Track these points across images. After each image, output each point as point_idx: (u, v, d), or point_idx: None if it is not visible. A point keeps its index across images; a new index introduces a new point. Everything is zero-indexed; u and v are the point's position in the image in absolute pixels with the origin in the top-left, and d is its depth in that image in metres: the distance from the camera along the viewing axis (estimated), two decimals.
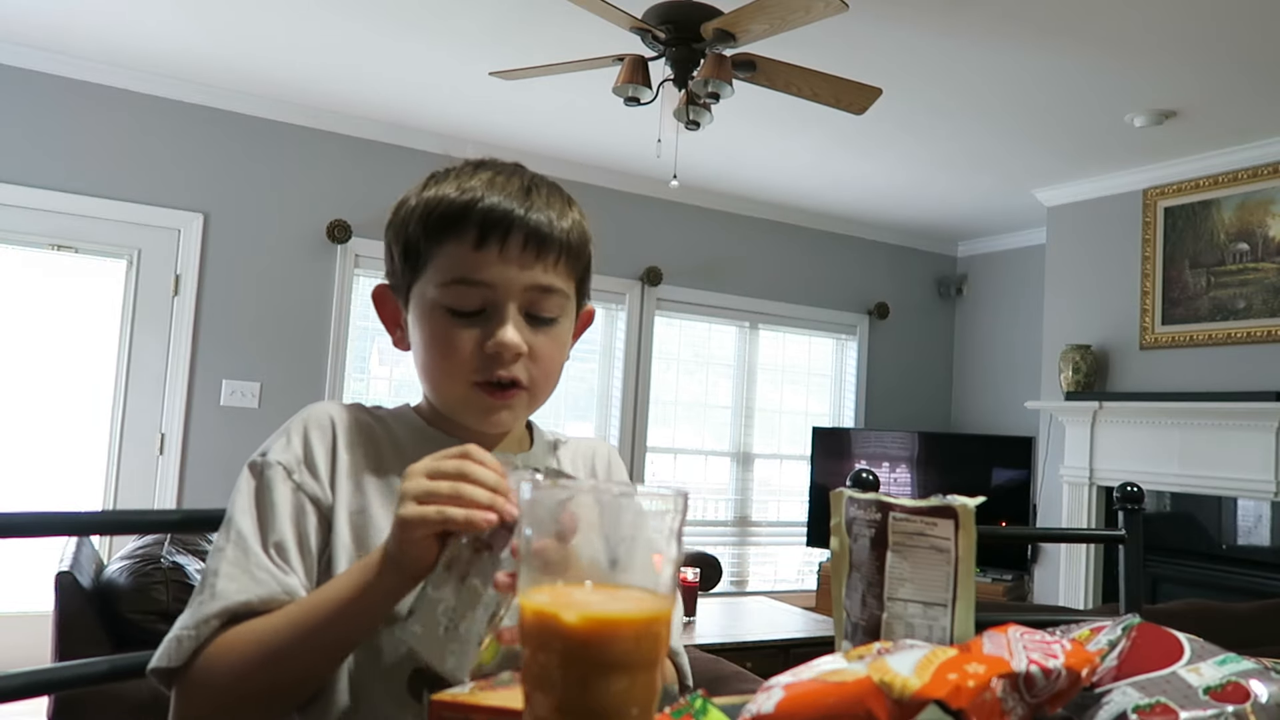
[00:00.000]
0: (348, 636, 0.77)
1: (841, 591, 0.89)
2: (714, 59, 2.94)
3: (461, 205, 0.87)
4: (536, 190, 0.90)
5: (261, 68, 3.96)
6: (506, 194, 0.88)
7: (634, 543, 0.55)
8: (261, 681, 0.77)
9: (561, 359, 0.94)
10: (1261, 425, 4.04)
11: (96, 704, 1.78)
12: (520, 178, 0.91)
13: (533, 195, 0.89)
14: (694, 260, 5.42)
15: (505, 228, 0.87)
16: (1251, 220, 4.25)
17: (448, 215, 0.88)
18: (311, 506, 0.86)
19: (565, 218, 0.90)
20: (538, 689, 0.54)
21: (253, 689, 0.78)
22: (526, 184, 0.90)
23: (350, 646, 0.79)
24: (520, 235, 0.87)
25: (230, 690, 0.78)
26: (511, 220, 0.87)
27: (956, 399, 6.25)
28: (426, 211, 0.89)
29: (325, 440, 0.89)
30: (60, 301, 4.01)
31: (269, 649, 0.77)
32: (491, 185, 0.88)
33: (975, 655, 0.62)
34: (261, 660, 0.77)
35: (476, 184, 0.89)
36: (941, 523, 0.83)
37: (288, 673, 0.78)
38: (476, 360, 0.87)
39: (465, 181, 0.89)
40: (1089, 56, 3.39)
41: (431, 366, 0.90)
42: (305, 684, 0.80)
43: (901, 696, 0.56)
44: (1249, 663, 0.65)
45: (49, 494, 3.94)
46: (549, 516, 0.55)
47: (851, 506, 0.89)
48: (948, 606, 0.82)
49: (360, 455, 0.90)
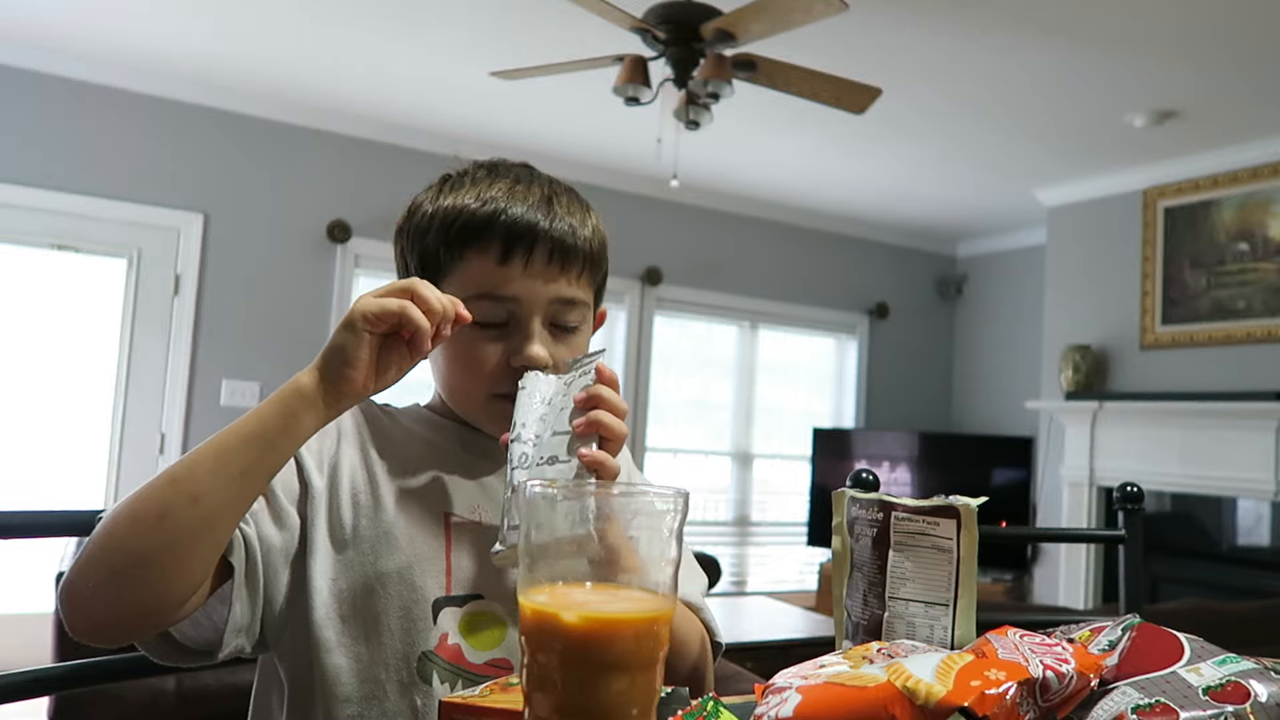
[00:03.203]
0: (253, 455, 0.73)
1: (843, 591, 0.89)
2: (714, 59, 2.94)
3: (484, 217, 0.87)
4: (557, 199, 0.90)
5: (261, 68, 3.96)
6: (529, 205, 0.87)
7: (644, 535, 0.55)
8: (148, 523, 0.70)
9: None
10: (1261, 425, 4.04)
11: (96, 704, 1.78)
12: (540, 186, 0.90)
13: (554, 205, 0.89)
14: (694, 260, 5.42)
15: (530, 241, 0.86)
16: (1251, 220, 4.25)
17: (469, 227, 0.87)
18: (297, 476, 0.85)
19: (586, 225, 0.91)
20: (538, 689, 0.54)
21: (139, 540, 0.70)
22: (547, 193, 0.90)
23: (250, 474, 0.73)
24: (545, 249, 0.87)
25: (114, 529, 0.71)
26: (536, 234, 0.86)
27: (956, 399, 6.25)
28: (446, 222, 0.88)
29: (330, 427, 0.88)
30: (60, 301, 4.01)
31: (165, 473, 0.72)
32: (512, 195, 0.88)
33: (993, 660, 0.62)
34: (151, 487, 0.71)
35: (497, 194, 0.88)
36: (944, 522, 0.83)
37: (182, 505, 0.70)
38: (500, 373, 0.87)
39: (484, 190, 0.88)
40: (1089, 56, 3.39)
41: (452, 378, 0.90)
42: (196, 533, 0.72)
43: (927, 703, 0.56)
44: (1249, 663, 0.65)
45: (49, 494, 3.93)
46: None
47: (853, 506, 0.89)
48: (949, 606, 0.82)
49: (366, 441, 0.90)
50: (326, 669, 0.82)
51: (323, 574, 0.84)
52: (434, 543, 0.86)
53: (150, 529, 0.70)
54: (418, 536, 0.86)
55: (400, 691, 0.83)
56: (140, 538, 0.70)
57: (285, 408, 0.75)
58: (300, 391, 0.75)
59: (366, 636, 0.83)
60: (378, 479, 0.87)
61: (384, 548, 0.85)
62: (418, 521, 0.87)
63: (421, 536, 0.86)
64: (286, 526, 0.83)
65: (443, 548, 0.86)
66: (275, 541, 0.82)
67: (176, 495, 0.71)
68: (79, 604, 0.71)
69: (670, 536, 0.56)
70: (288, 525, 0.83)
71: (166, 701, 1.95)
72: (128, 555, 0.70)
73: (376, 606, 0.84)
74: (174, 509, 0.71)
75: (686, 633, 0.91)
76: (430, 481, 0.89)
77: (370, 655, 0.83)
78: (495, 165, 0.93)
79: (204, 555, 0.73)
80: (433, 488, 0.89)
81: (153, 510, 0.71)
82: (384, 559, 0.84)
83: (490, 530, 0.89)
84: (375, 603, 0.84)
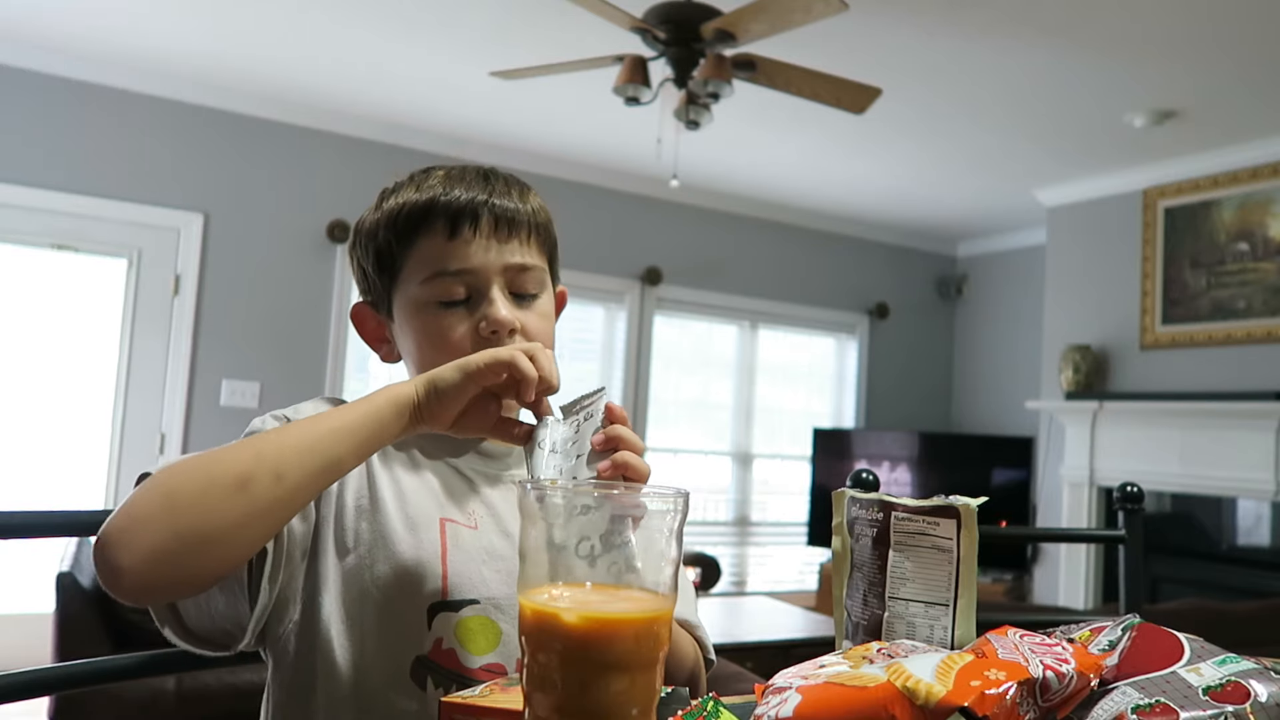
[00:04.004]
0: (340, 449, 0.73)
1: (843, 591, 0.89)
2: (714, 59, 2.94)
3: (426, 202, 0.90)
4: (494, 176, 0.94)
5: (261, 68, 3.96)
6: (466, 184, 0.91)
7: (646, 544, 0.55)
8: (225, 490, 0.69)
9: (550, 335, 0.95)
10: (1261, 425, 4.04)
11: (96, 704, 1.78)
12: (475, 169, 0.94)
13: (492, 181, 0.93)
14: (694, 260, 5.42)
15: (474, 213, 0.89)
16: (1251, 220, 4.25)
17: (414, 215, 0.90)
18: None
19: (527, 200, 0.94)
20: (538, 689, 0.54)
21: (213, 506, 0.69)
22: (483, 173, 0.94)
23: (332, 466, 0.73)
24: (490, 218, 0.90)
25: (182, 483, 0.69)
26: (478, 205, 0.90)
27: (956, 399, 6.26)
28: (391, 217, 0.91)
29: None
30: (60, 301, 4.01)
31: (249, 444, 0.72)
32: (449, 180, 0.92)
33: (993, 660, 0.62)
34: (230, 453, 0.71)
35: (434, 182, 0.91)
36: (944, 522, 0.83)
37: (266, 479, 0.70)
38: (472, 344, 0.88)
39: (422, 184, 0.92)
40: (1089, 56, 3.39)
41: (429, 361, 0.90)
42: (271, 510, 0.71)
43: (927, 703, 0.56)
44: (1249, 663, 0.65)
45: (50, 494, 3.93)
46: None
47: (853, 506, 0.89)
48: (949, 606, 0.82)
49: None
50: (322, 673, 0.83)
51: (324, 576, 0.84)
52: (430, 548, 0.87)
53: (227, 496, 0.69)
54: (414, 541, 0.86)
55: (395, 696, 0.83)
56: (215, 503, 0.69)
57: (379, 413, 0.75)
58: (396, 402, 0.76)
59: (362, 640, 0.84)
60: (376, 483, 0.88)
61: (380, 552, 0.85)
62: (413, 527, 0.87)
63: (418, 541, 0.86)
64: (308, 520, 0.84)
65: (438, 553, 0.87)
66: (298, 536, 0.83)
67: (260, 468, 0.70)
68: (125, 559, 0.67)
69: (670, 536, 0.56)
70: (309, 519, 0.84)
71: (166, 701, 1.95)
72: (197, 519, 0.68)
73: (372, 611, 0.84)
74: (257, 481, 0.70)
75: (683, 650, 0.93)
76: (425, 487, 0.90)
77: (366, 660, 0.83)
78: (430, 167, 0.96)
79: (266, 534, 0.73)
80: (428, 493, 0.90)
81: (232, 478, 0.69)
82: (380, 564, 0.85)
83: (484, 535, 0.90)
84: (371, 607, 0.84)
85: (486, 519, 0.91)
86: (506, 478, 0.95)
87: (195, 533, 0.68)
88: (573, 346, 5.05)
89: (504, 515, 0.92)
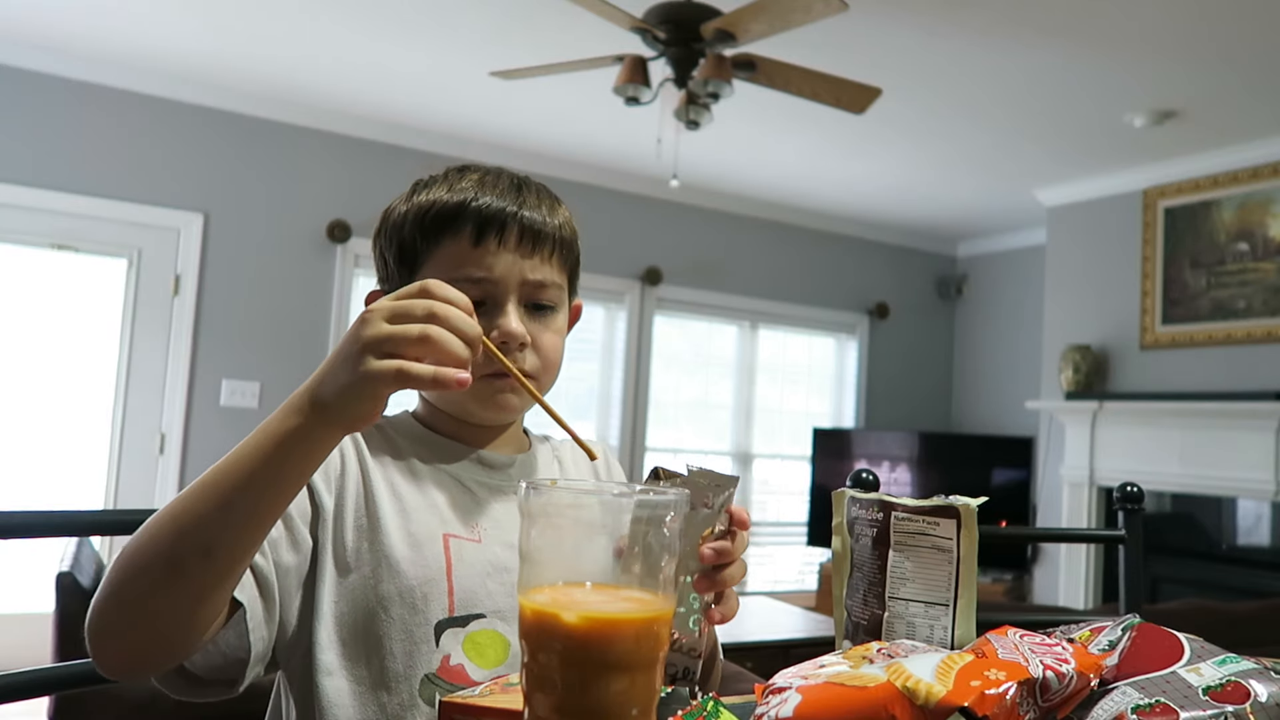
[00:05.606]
0: (259, 494, 0.67)
1: (843, 591, 0.89)
2: (714, 59, 2.94)
3: (456, 205, 0.90)
4: (526, 188, 0.94)
5: (261, 68, 3.96)
6: (499, 192, 0.91)
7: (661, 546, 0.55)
8: (157, 577, 0.67)
9: (561, 349, 0.95)
10: (1261, 425, 4.04)
11: (96, 704, 1.78)
12: (509, 177, 0.94)
13: (524, 192, 0.93)
14: (694, 260, 5.42)
15: (501, 223, 0.89)
16: (1251, 220, 4.25)
17: (443, 215, 0.90)
18: (309, 499, 0.85)
19: (556, 214, 0.94)
20: (538, 689, 0.54)
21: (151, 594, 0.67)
22: (516, 182, 0.94)
23: (260, 512, 0.68)
24: (516, 229, 0.90)
25: (126, 580, 0.68)
26: (506, 216, 0.90)
27: (956, 399, 6.26)
28: (420, 214, 0.91)
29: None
30: (60, 301, 4.01)
31: (170, 516, 0.68)
32: (482, 185, 0.92)
33: (993, 660, 0.62)
34: (158, 532, 0.67)
35: (467, 185, 0.91)
36: (944, 522, 0.83)
37: (194, 560, 0.67)
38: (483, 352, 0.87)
39: (455, 184, 0.92)
40: (1089, 56, 3.39)
41: None
42: (211, 587, 0.69)
43: (927, 703, 0.56)
44: (1249, 663, 0.65)
45: (49, 494, 3.93)
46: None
47: (854, 506, 0.89)
48: (949, 606, 0.82)
49: (365, 458, 0.90)
50: (328, 692, 0.82)
51: (327, 597, 0.84)
52: (435, 564, 0.86)
53: (166, 585, 0.67)
54: (418, 559, 0.85)
55: (402, 715, 0.83)
56: (161, 600, 0.68)
57: (284, 444, 0.67)
58: (302, 432, 0.67)
59: (368, 659, 0.83)
60: (376, 500, 0.87)
61: (385, 571, 0.84)
62: (418, 543, 0.86)
63: (422, 559, 0.86)
64: (301, 550, 0.83)
65: (444, 569, 0.86)
66: (291, 567, 0.82)
67: (184, 547, 0.67)
68: (103, 644, 0.70)
69: (671, 536, 0.56)
70: (303, 549, 0.83)
71: (166, 701, 1.95)
72: (150, 621, 0.69)
73: (378, 630, 0.83)
74: (186, 562, 0.67)
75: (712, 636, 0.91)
76: (427, 502, 0.89)
77: (372, 678, 0.83)
78: (466, 166, 0.96)
79: (219, 602, 0.73)
80: (430, 508, 0.89)
81: (162, 565, 0.67)
82: (385, 582, 0.84)
83: (488, 549, 0.89)
84: (377, 626, 0.83)
85: (490, 531, 0.90)
86: (509, 489, 0.95)
87: (154, 633, 0.70)
88: (573, 346, 4.98)
89: (508, 527, 0.91)
